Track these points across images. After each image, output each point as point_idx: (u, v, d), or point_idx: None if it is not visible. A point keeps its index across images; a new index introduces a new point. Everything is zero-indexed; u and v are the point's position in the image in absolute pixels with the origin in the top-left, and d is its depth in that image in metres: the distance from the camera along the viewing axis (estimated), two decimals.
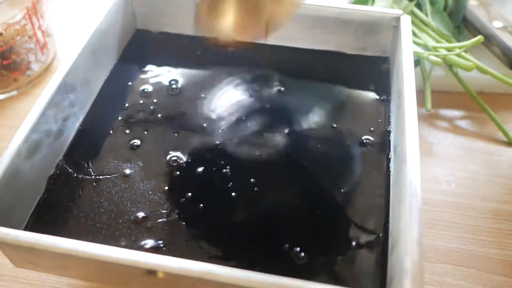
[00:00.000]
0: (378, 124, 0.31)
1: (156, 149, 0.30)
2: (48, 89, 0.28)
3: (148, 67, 0.35)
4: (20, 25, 0.39)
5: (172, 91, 0.34)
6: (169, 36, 0.38)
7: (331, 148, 0.30)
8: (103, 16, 0.33)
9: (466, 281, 0.30)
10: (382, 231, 0.26)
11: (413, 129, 0.26)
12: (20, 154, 0.25)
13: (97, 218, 0.26)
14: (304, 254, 0.25)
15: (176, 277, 0.21)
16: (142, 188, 0.28)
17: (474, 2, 0.45)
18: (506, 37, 0.41)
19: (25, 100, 0.42)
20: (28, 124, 0.26)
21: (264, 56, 0.36)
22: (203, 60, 0.36)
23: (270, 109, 0.32)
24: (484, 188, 0.35)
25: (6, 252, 0.24)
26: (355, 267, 0.24)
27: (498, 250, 0.31)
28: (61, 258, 0.22)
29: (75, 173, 0.28)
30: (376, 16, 0.34)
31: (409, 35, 0.32)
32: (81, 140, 0.30)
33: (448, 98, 0.41)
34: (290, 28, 0.36)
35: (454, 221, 0.33)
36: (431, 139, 0.38)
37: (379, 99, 0.33)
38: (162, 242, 0.25)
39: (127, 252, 0.21)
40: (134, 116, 0.32)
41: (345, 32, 0.35)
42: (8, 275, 0.30)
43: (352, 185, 0.28)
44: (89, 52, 0.32)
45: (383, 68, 0.35)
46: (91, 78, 0.33)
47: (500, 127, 0.38)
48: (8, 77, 0.41)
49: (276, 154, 0.30)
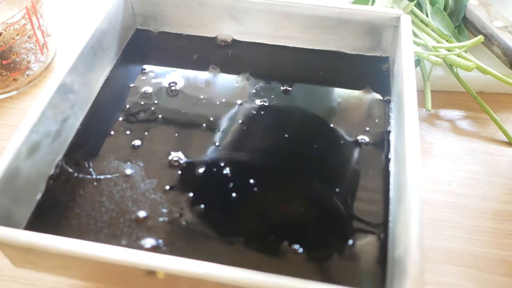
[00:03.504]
0: (379, 124, 0.31)
1: (157, 149, 0.30)
2: (48, 89, 0.28)
3: (148, 67, 0.35)
4: (20, 24, 0.39)
5: (172, 92, 0.34)
6: (169, 36, 0.38)
7: (331, 148, 0.30)
8: (103, 16, 0.33)
9: (466, 281, 0.30)
10: (382, 231, 0.26)
11: (413, 129, 0.26)
12: (20, 154, 0.25)
13: (97, 218, 0.26)
14: (304, 254, 0.25)
15: (176, 277, 0.21)
16: (143, 187, 0.28)
17: (474, 2, 0.45)
18: (507, 37, 0.41)
19: (25, 100, 0.42)
20: (28, 124, 0.26)
21: (264, 56, 0.37)
22: (203, 60, 0.36)
23: (270, 108, 0.32)
24: (484, 188, 0.35)
25: (6, 252, 0.24)
26: (355, 267, 0.24)
27: (498, 250, 0.31)
28: (61, 258, 0.22)
29: (76, 173, 0.28)
30: (376, 16, 0.34)
31: (409, 35, 0.32)
32: (81, 140, 0.30)
33: (448, 98, 0.42)
34: (290, 28, 0.36)
35: (454, 221, 0.33)
36: (431, 139, 0.38)
37: (379, 99, 0.33)
38: (162, 241, 0.25)
39: (127, 252, 0.21)
40: (135, 116, 0.32)
41: (345, 32, 0.35)
42: (8, 275, 0.30)
43: (353, 185, 0.28)
44: (89, 52, 0.32)
45: (383, 68, 0.35)
46: (91, 78, 0.33)
47: (500, 127, 0.38)
48: (8, 77, 0.41)
49: (276, 154, 0.30)
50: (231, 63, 0.36)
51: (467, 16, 0.44)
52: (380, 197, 0.27)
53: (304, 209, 0.27)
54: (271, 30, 0.36)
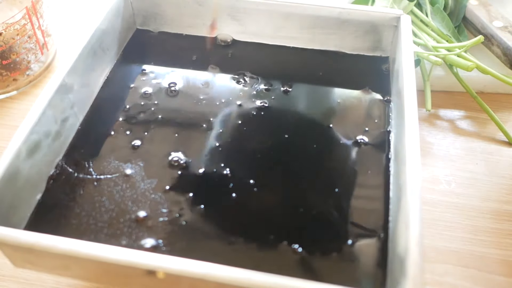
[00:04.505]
0: (379, 124, 0.31)
1: (157, 149, 0.30)
2: (48, 89, 0.28)
3: (148, 67, 0.35)
4: (20, 24, 0.39)
5: (172, 92, 0.34)
6: (169, 36, 0.38)
7: (331, 148, 0.30)
8: (103, 16, 0.33)
9: (466, 281, 0.30)
10: (382, 231, 0.26)
11: (413, 129, 0.26)
12: (20, 154, 0.25)
13: (97, 218, 0.26)
14: (303, 254, 0.25)
15: (176, 277, 0.21)
16: (143, 187, 0.28)
17: (474, 2, 0.45)
18: (506, 37, 0.41)
19: (25, 100, 0.42)
20: (28, 124, 0.26)
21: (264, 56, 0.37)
22: (203, 60, 0.36)
23: (269, 109, 0.32)
24: (484, 188, 0.35)
25: (6, 252, 0.24)
26: (355, 267, 0.24)
27: (498, 250, 0.31)
28: (61, 258, 0.22)
29: (76, 173, 0.28)
30: (376, 16, 0.34)
31: (409, 35, 0.32)
32: (81, 140, 0.30)
33: (448, 98, 0.42)
34: (290, 28, 0.36)
35: (454, 221, 0.33)
36: (431, 139, 0.38)
37: (379, 99, 0.33)
38: (162, 241, 0.25)
39: (127, 252, 0.21)
40: (135, 117, 0.32)
41: (345, 32, 0.35)
42: (8, 275, 0.30)
43: (353, 185, 0.28)
44: (89, 52, 0.32)
45: (383, 68, 0.35)
46: (91, 78, 0.33)
47: (500, 127, 0.38)
48: (8, 77, 0.41)
49: (276, 154, 0.30)
50: (231, 63, 0.36)
51: (467, 16, 0.44)
52: (380, 197, 0.27)
53: (304, 209, 0.27)
54: (271, 30, 0.36)
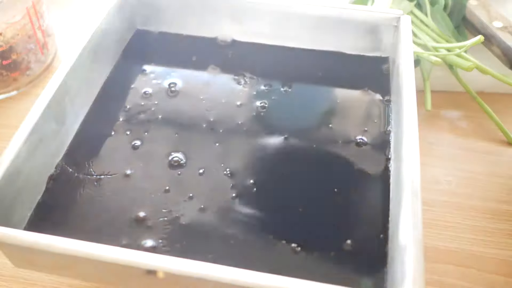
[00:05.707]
0: (378, 124, 0.31)
1: (157, 149, 0.30)
2: (48, 89, 0.28)
3: (148, 67, 0.35)
4: (20, 24, 0.39)
5: (172, 92, 0.34)
6: (169, 36, 0.38)
7: (331, 148, 0.30)
8: (103, 16, 0.33)
9: (466, 281, 0.30)
10: (382, 231, 0.26)
11: (413, 129, 0.26)
12: (20, 154, 0.25)
13: (97, 217, 0.26)
14: (303, 254, 0.25)
15: (176, 277, 0.21)
16: (143, 187, 0.28)
17: (474, 2, 0.45)
18: (506, 37, 0.41)
19: (25, 100, 0.42)
20: (28, 124, 0.26)
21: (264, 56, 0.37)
22: (203, 60, 0.36)
23: (269, 109, 0.32)
24: (484, 188, 0.35)
25: (6, 252, 0.24)
26: (355, 267, 0.24)
27: (498, 250, 0.31)
28: (61, 258, 0.22)
29: (76, 173, 0.28)
30: (376, 16, 0.34)
31: (409, 35, 0.32)
32: (81, 140, 0.30)
33: (448, 98, 0.41)
34: (290, 28, 0.36)
35: (454, 221, 0.33)
36: (431, 139, 0.38)
37: (378, 99, 0.33)
38: (162, 241, 0.25)
39: (127, 252, 0.21)
40: (135, 117, 0.32)
41: (345, 32, 0.35)
42: (8, 275, 0.30)
43: (353, 185, 0.28)
44: (89, 52, 0.32)
45: (383, 68, 0.35)
46: (91, 78, 0.33)
47: (500, 127, 0.38)
48: (8, 77, 0.41)
49: (276, 155, 0.30)
50: (231, 63, 0.36)
51: (467, 16, 0.44)
52: (380, 197, 0.27)
53: (304, 209, 0.27)
54: (271, 30, 0.36)
